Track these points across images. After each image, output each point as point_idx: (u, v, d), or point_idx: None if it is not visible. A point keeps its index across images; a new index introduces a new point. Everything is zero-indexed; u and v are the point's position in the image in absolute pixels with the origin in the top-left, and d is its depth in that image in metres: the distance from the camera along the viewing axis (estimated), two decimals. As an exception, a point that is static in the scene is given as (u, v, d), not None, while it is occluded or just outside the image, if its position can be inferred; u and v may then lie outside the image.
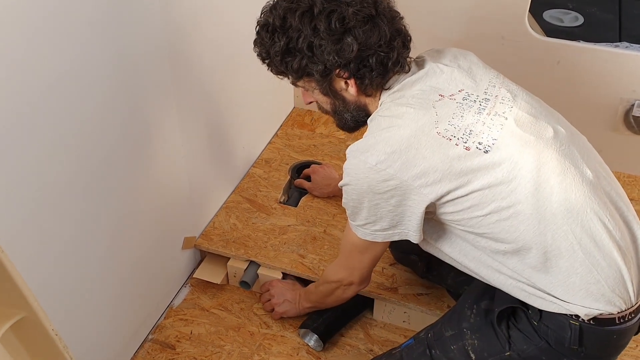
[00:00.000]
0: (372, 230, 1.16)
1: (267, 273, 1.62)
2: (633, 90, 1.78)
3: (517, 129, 1.08)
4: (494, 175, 1.05)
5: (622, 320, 1.07)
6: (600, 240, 1.05)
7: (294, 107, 2.22)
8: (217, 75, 1.63)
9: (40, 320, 0.78)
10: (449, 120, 1.08)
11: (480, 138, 1.07)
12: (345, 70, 1.12)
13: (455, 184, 1.06)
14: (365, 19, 1.08)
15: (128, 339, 1.48)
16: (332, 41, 1.07)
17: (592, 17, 2.82)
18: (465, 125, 1.07)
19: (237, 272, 1.63)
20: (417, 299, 1.52)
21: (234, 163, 1.86)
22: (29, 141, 1.01)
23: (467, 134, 1.07)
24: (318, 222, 1.73)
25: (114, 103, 1.21)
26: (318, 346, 1.50)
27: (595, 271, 1.05)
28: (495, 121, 1.09)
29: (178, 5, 1.35)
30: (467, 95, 1.12)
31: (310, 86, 1.19)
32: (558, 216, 1.04)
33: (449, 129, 1.07)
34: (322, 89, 1.17)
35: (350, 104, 1.20)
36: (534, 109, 1.14)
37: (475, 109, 1.10)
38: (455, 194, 1.06)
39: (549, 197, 1.04)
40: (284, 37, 1.10)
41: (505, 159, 1.05)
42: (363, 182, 1.09)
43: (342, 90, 1.18)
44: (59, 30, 1.02)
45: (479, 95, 1.12)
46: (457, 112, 1.09)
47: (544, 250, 1.06)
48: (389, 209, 1.10)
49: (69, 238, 1.17)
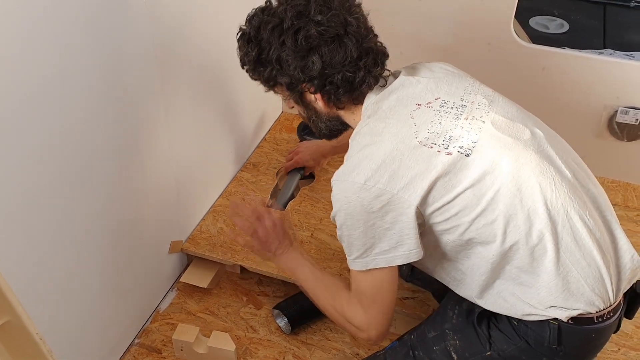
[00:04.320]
0: (372, 256, 1.10)
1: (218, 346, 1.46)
2: (617, 97, 1.81)
3: (496, 132, 1.09)
4: (476, 178, 1.05)
5: (600, 320, 1.09)
6: (581, 240, 1.07)
7: (283, 111, 2.22)
8: (206, 79, 1.63)
9: (24, 325, 0.77)
10: (428, 128, 1.09)
11: (460, 142, 1.07)
12: (311, 85, 1.14)
13: (442, 190, 1.06)
14: (332, 39, 1.10)
15: (114, 343, 1.47)
16: (297, 57, 1.10)
17: (578, 25, 2.86)
18: (444, 132, 1.08)
19: (183, 345, 1.47)
20: (402, 303, 1.53)
21: (222, 167, 1.86)
22: (12, 144, 1.01)
23: (447, 139, 1.07)
24: (305, 226, 1.74)
25: (101, 106, 1.21)
26: (287, 330, 1.56)
27: (575, 270, 1.06)
28: (473, 125, 1.10)
29: (166, 8, 1.35)
30: (443, 102, 1.13)
31: (284, 95, 1.22)
32: (541, 216, 1.05)
33: (429, 137, 1.08)
34: (294, 99, 1.21)
35: (323, 115, 1.23)
36: (510, 113, 1.15)
37: (452, 115, 1.11)
38: (442, 201, 1.06)
39: (530, 196, 1.05)
40: (257, 48, 1.14)
41: (486, 161, 1.06)
42: (355, 204, 1.07)
43: (312, 102, 1.20)
44: (45, 33, 1.02)
45: (455, 102, 1.14)
46: (434, 120, 1.10)
47: (530, 251, 1.07)
48: (385, 227, 1.08)
49: (54, 241, 1.17)
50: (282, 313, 1.56)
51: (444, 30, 1.83)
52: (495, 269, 1.10)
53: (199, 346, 1.46)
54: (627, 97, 1.80)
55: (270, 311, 1.61)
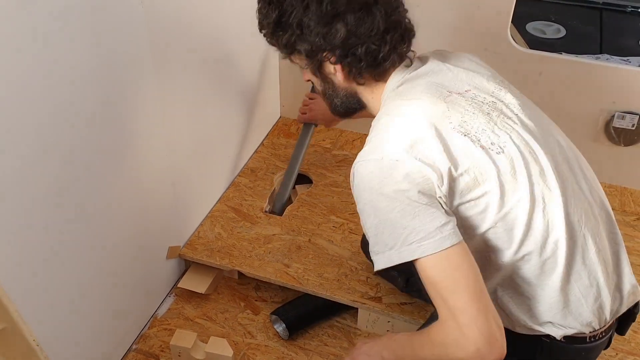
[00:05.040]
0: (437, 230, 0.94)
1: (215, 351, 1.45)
2: (613, 102, 1.81)
3: (526, 135, 1.04)
4: (506, 178, 1.00)
5: (592, 339, 1.07)
6: (589, 259, 1.04)
7: (281, 116, 2.23)
8: (204, 83, 1.63)
9: (21, 331, 0.78)
10: (462, 116, 1.02)
11: (492, 139, 1.02)
12: (332, 55, 1.07)
13: (470, 183, 0.99)
14: (359, 6, 1.03)
15: (111, 349, 1.47)
16: (320, 23, 1.03)
17: (574, 30, 2.87)
18: (477, 124, 1.02)
19: (181, 351, 1.46)
20: (401, 309, 1.53)
21: (220, 172, 1.87)
22: (5, 150, 1.01)
23: (479, 132, 1.01)
24: (303, 231, 1.74)
25: (99, 110, 1.21)
26: (285, 335, 1.55)
27: (577, 289, 1.04)
28: (504, 125, 1.04)
29: (163, 9, 1.35)
30: (474, 95, 1.07)
31: (302, 63, 1.13)
32: (559, 230, 1.02)
33: (462, 125, 1.01)
34: (312, 69, 1.12)
35: (340, 90, 1.15)
36: (538, 118, 1.11)
37: (485, 110, 1.05)
38: (468, 196, 1.00)
39: (552, 208, 1.02)
40: (277, 10, 1.06)
41: (515, 163, 1.01)
42: (388, 181, 0.96)
43: (330, 75, 1.12)
44: (36, 34, 1.02)
45: (486, 98, 1.08)
46: (468, 110, 1.04)
47: (542, 263, 1.03)
48: (424, 202, 0.96)
49: (51, 247, 1.16)
50: (280, 318, 1.56)
51: (441, 36, 1.84)
52: (501, 276, 1.06)
53: (196, 352, 1.46)
54: (624, 102, 1.81)
55: (268, 317, 1.61)
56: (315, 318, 1.60)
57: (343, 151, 2.02)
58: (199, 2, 1.50)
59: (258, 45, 1.90)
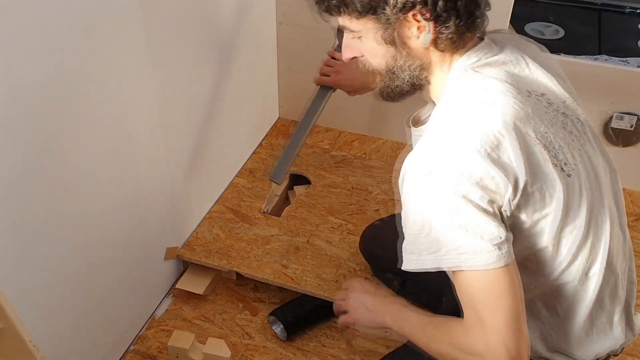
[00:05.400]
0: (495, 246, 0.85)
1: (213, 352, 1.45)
2: (612, 103, 1.81)
3: (592, 160, 0.96)
4: (572, 205, 0.92)
5: None
6: (617, 297, 1.01)
7: (279, 117, 2.23)
8: (202, 84, 1.63)
9: (17, 331, 0.77)
10: (544, 125, 0.90)
11: (567, 158, 0.91)
12: (427, 10, 0.87)
13: (540, 201, 0.90)
14: None
15: (109, 350, 1.47)
16: None
17: (573, 31, 2.87)
18: (556, 138, 0.91)
19: (179, 352, 1.44)
20: (399, 309, 1.53)
21: (218, 173, 1.86)
22: (3, 149, 1.01)
23: (557, 147, 0.90)
24: (301, 232, 1.74)
25: (96, 111, 1.21)
26: (283, 336, 1.56)
27: (595, 324, 1.00)
28: (576, 143, 0.95)
29: (160, 8, 1.35)
30: (549, 102, 0.95)
31: (366, 30, 0.92)
32: (599, 264, 0.96)
33: (545, 136, 0.89)
34: (384, 35, 0.91)
35: (415, 59, 0.93)
36: (597, 140, 1.02)
37: (560, 122, 0.94)
38: (533, 216, 0.91)
39: (599, 240, 0.96)
40: None
41: (583, 190, 0.93)
42: (456, 175, 0.84)
43: (409, 39, 0.91)
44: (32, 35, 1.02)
45: (559, 107, 0.96)
46: (547, 119, 0.92)
47: (573, 292, 0.97)
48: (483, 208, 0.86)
49: (48, 248, 1.16)
50: (278, 319, 1.56)
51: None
52: (527, 299, 0.96)
53: (194, 353, 1.46)
54: (622, 103, 1.81)
55: (266, 318, 1.60)
56: (314, 319, 1.60)
57: (341, 152, 2.02)
58: (198, 2, 1.50)
59: (257, 45, 1.91)
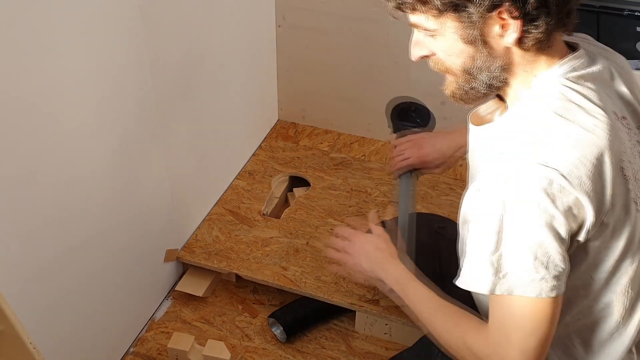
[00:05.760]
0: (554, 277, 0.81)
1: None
2: (610, 105, 1.81)
3: None
4: (635, 243, 0.86)
5: None
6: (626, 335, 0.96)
7: (279, 119, 2.23)
8: (201, 86, 1.64)
9: (17, 334, 0.77)
10: (628, 154, 0.84)
11: (639, 191, 0.85)
12: (515, 8, 0.79)
13: (609, 236, 0.85)
14: None
15: (109, 352, 1.47)
16: None
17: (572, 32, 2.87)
18: (634, 169, 0.85)
19: (178, 354, 1.45)
20: (398, 311, 1.53)
21: (217, 175, 1.87)
22: (6, 154, 1.01)
23: (633, 180, 0.84)
24: (300, 234, 1.74)
25: (95, 114, 1.21)
26: (282, 338, 1.55)
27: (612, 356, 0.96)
28: None
29: (160, 15, 1.36)
30: (630, 126, 0.88)
31: (444, 29, 0.85)
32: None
33: (628, 167, 0.83)
34: (464, 34, 0.83)
35: (496, 59, 0.85)
36: None
37: (637, 152, 0.87)
38: (597, 250, 0.85)
39: None
40: None
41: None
42: (544, 207, 0.77)
43: (492, 38, 0.84)
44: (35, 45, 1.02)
45: (635, 135, 0.89)
46: (629, 146, 0.85)
47: (608, 335, 0.94)
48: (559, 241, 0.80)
49: (49, 250, 1.16)
50: (278, 321, 1.56)
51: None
52: (565, 334, 0.93)
53: (194, 355, 1.46)
54: (621, 105, 1.81)
55: (266, 320, 1.60)
56: (313, 321, 1.60)
57: (341, 154, 2.02)
58: (196, 6, 1.51)
59: (257, 48, 1.91)
